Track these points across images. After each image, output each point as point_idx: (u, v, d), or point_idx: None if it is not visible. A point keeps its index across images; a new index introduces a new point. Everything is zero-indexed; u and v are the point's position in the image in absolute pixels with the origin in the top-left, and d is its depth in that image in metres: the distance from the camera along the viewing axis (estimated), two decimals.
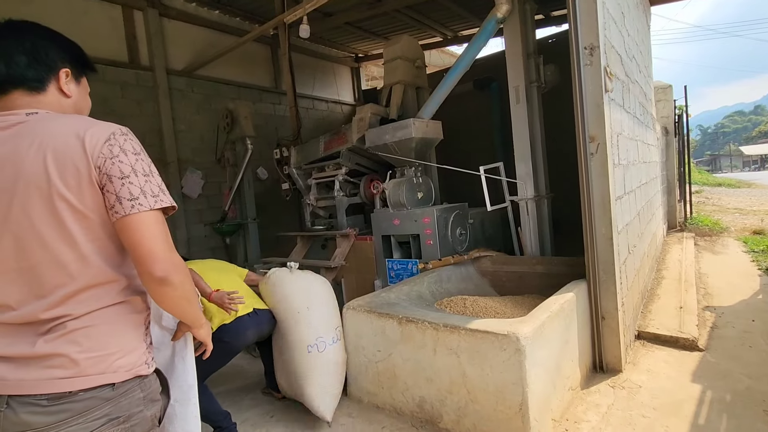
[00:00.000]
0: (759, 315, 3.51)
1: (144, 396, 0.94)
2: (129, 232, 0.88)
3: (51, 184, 0.85)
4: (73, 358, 0.85)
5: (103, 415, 0.87)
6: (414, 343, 2.29)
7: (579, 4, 2.51)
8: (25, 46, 0.93)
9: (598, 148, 2.56)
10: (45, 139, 0.86)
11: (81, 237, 0.88)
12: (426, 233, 3.78)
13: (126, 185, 0.88)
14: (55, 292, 0.86)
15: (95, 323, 0.89)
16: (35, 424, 0.82)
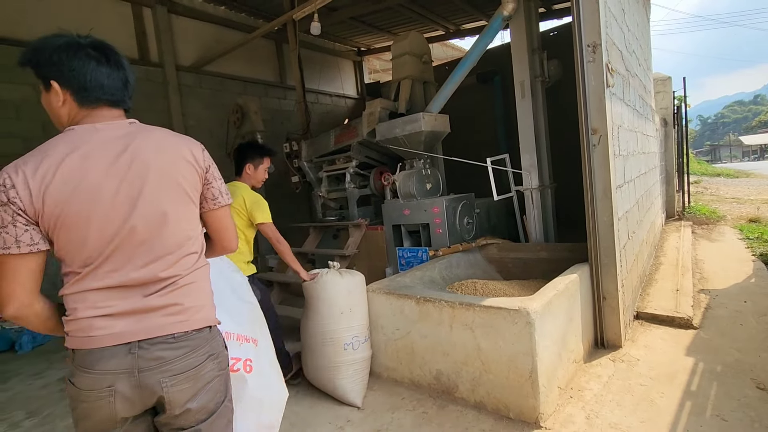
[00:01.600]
0: (750, 297, 3.72)
1: (221, 341, 1.21)
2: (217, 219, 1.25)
3: (175, 177, 1.11)
4: (186, 306, 1.10)
5: (205, 351, 1.12)
6: (431, 320, 2.49)
7: (582, 4, 2.67)
8: (131, 77, 1.18)
9: (600, 140, 2.75)
10: (162, 142, 1.12)
11: (190, 218, 1.16)
12: (435, 222, 3.97)
13: (220, 185, 1.23)
14: (169, 257, 1.10)
15: (195, 281, 1.14)
16: (167, 357, 1.06)
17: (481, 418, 2.26)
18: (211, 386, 1.13)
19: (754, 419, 2.08)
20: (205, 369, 1.11)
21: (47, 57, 1.05)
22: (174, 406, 1.07)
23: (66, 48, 1.05)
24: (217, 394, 1.15)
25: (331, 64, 9.16)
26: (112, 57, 1.12)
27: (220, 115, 6.71)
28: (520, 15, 3.59)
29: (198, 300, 1.14)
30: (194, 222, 1.17)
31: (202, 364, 1.10)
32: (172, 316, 1.08)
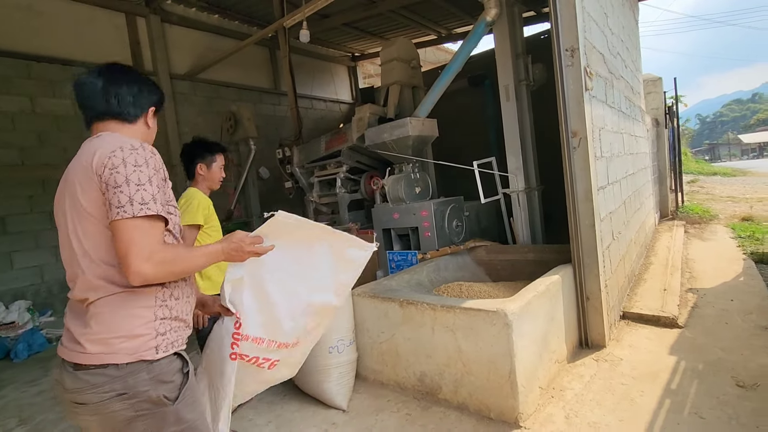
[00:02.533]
0: (738, 295, 3.74)
1: (151, 377, 1.05)
2: (114, 234, 1.04)
3: (75, 190, 1.07)
4: (79, 339, 1.04)
5: (111, 389, 1.01)
6: (414, 323, 2.52)
7: (560, 10, 2.72)
8: (133, 89, 1.20)
9: (580, 142, 2.79)
10: (83, 153, 1.11)
11: (86, 234, 1.07)
12: (424, 226, 4.01)
13: (117, 194, 1.01)
14: (81, 277, 1.07)
15: (103, 310, 1.04)
16: (67, 385, 1.04)
17: (463, 419, 2.29)
18: (128, 426, 1.04)
19: (732, 416, 2.10)
20: (110, 408, 1.01)
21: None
22: (86, 431, 1.06)
23: None
24: None
25: (324, 70, 9.24)
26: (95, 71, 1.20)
27: (214, 123, 6.77)
28: (503, 20, 3.64)
29: (103, 332, 1.03)
30: (95, 233, 1.05)
31: (104, 403, 1.01)
32: (72, 343, 1.05)
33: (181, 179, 6.52)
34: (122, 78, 1.19)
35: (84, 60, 5.51)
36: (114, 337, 1.03)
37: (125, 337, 1.03)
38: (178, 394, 1.09)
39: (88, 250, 1.05)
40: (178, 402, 1.09)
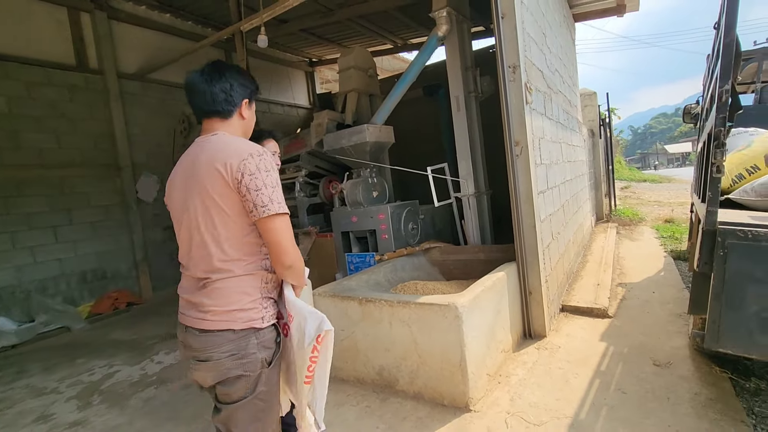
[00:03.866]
0: (659, 288, 4.22)
1: (258, 342, 1.29)
2: (264, 230, 1.26)
3: (206, 188, 1.24)
4: (209, 308, 1.26)
5: (227, 350, 1.25)
6: (373, 319, 2.66)
7: (503, 32, 2.99)
8: (225, 87, 1.35)
9: (521, 150, 3.07)
10: (213, 153, 1.26)
11: (218, 228, 1.26)
12: (381, 228, 4.17)
13: (259, 195, 1.22)
14: (205, 260, 1.28)
15: (222, 286, 1.26)
16: (193, 345, 1.28)
17: (419, 407, 2.45)
18: (232, 380, 1.26)
19: (648, 390, 2.42)
20: (226, 365, 1.25)
21: None
22: (200, 382, 1.32)
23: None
24: (240, 389, 1.27)
25: (282, 74, 9.21)
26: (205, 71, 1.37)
27: (168, 124, 6.58)
28: (453, 36, 3.90)
29: (224, 304, 1.25)
30: (229, 228, 1.25)
31: (222, 360, 1.25)
32: (196, 312, 1.28)
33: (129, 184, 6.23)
34: (217, 76, 1.34)
35: (19, 55, 5.19)
36: (232, 310, 1.25)
37: (240, 309, 1.26)
38: (272, 360, 1.32)
39: (218, 241, 1.25)
40: (272, 367, 1.32)
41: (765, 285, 1.70)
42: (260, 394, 1.30)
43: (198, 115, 1.38)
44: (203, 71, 1.35)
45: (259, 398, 1.30)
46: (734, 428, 2.05)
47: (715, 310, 1.82)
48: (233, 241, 1.26)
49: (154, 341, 4.28)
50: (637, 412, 2.25)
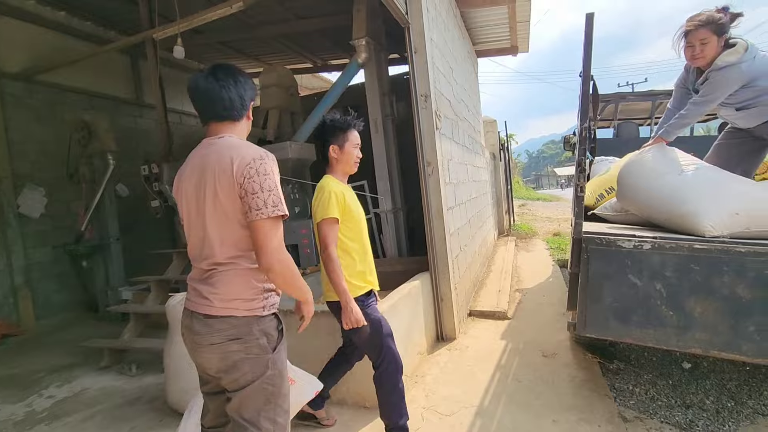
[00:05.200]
0: (548, 292, 4.88)
1: (259, 329, 1.37)
2: (252, 232, 1.32)
3: (215, 188, 1.32)
4: (214, 295, 1.35)
5: (230, 334, 1.33)
6: (292, 331, 2.73)
7: (416, 65, 3.35)
8: (241, 92, 1.42)
9: (433, 170, 3.42)
10: (220, 156, 1.33)
11: (222, 225, 1.34)
12: (304, 243, 4.25)
13: (255, 199, 1.28)
14: (213, 254, 1.36)
15: (227, 278, 1.35)
16: (197, 330, 1.36)
17: (342, 411, 2.58)
18: (238, 364, 1.33)
19: (538, 377, 2.84)
20: (229, 348, 1.33)
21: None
22: (205, 368, 1.39)
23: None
24: (246, 373, 1.34)
25: None
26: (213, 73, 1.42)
27: (59, 132, 5.91)
28: (372, 63, 4.21)
29: (225, 293, 1.34)
30: (228, 227, 1.33)
31: (224, 344, 1.32)
32: (202, 299, 1.36)
33: (8, 197, 5.50)
34: (232, 81, 1.40)
35: None
36: (235, 299, 1.34)
37: (243, 299, 1.35)
38: (275, 346, 1.41)
39: (223, 237, 1.34)
40: (276, 352, 1.40)
41: (615, 281, 2.16)
42: (268, 378, 1.36)
43: (207, 119, 1.43)
44: (216, 77, 1.39)
45: (267, 382, 1.36)
46: (600, 402, 2.51)
47: (582, 303, 2.25)
48: (237, 238, 1.34)
49: (41, 374, 3.79)
50: (530, 395, 2.63)
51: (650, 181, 2.43)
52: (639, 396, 2.58)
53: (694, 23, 2.30)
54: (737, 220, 2.10)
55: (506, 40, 6.91)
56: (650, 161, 2.47)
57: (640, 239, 2.11)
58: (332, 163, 2.15)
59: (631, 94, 5.06)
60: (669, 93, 4.59)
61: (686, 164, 2.37)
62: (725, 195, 2.17)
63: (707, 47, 2.30)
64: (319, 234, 2.01)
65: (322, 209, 1.98)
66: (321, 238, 2.00)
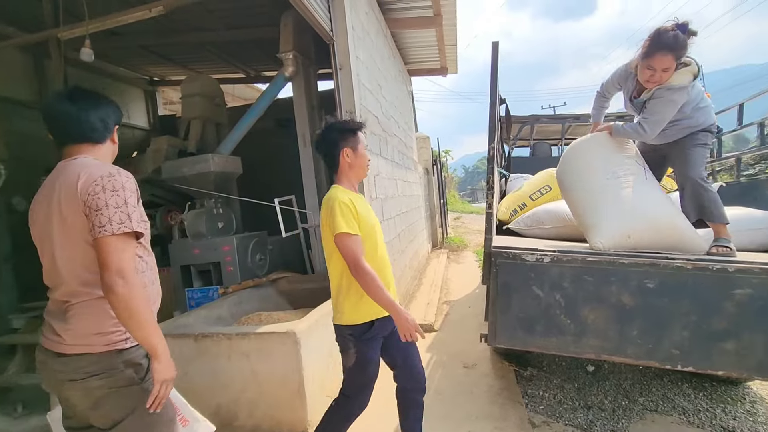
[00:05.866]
0: (474, 303, 5.07)
1: (122, 361, 1.25)
2: (96, 250, 1.22)
3: (61, 208, 1.24)
4: (61, 333, 1.24)
5: (90, 371, 1.22)
6: (210, 355, 2.57)
7: (341, 82, 3.38)
8: (102, 115, 1.37)
9: (358, 186, 3.43)
10: (68, 176, 1.26)
11: (71, 248, 1.25)
12: (226, 260, 4.05)
13: (98, 216, 1.20)
14: (64, 284, 1.26)
15: (82, 311, 1.24)
16: (53, 367, 1.25)
17: None
18: (102, 401, 1.24)
19: (459, 389, 2.91)
20: (90, 384, 1.23)
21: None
22: (71, 404, 1.28)
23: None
24: (115, 409, 1.25)
25: (114, 90, 8.16)
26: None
27: None
28: (299, 76, 4.18)
29: (80, 328, 1.23)
30: (77, 249, 1.24)
31: (85, 380, 1.22)
32: (55, 335, 1.25)
33: None
34: (92, 103, 1.36)
35: None
36: (91, 334, 1.24)
37: (100, 333, 1.24)
38: (145, 375, 1.29)
39: (72, 261, 1.25)
40: (146, 381, 1.28)
41: (521, 293, 2.29)
42: (141, 411, 1.26)
43: (63, 141, 1.36)
44: (72, 99, 1.34)
45: (140, 416, 1.26)
46: (513, 409, 2.62)
47: (492, 314, 2.35)
48: (87, 260, 1.25)
49: None
50: (450, 406, 2.68)
51: (582, 172, 2.49)
52: (548, 401, 2.73)
53: (661, 46, 2.14)
54: (628, 242, 2.27)
55: (436, 61, 7.22)
56: (593, 150, 2.49)
57: (541, 253, 2.26)
58: (344, 169, 1.89)
59: (545, 116, 5.51)
60: (576, 117, 5.05)
61: (619, 168, 2.37)
62: (629, 217, 2.27)
63: (666, 74, 2.21)
64: (341, 251, 1.73)
65: (332, 226, 1.72)
66: (345, 255, 1.71)
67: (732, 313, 1.94)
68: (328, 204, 1.77)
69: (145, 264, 1.36)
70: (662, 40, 2.14)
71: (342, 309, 1.84)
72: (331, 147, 1.89)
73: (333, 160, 1.90)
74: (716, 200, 2.36)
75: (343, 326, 1.86)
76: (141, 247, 1.34)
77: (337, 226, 1.68)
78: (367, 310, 1.83)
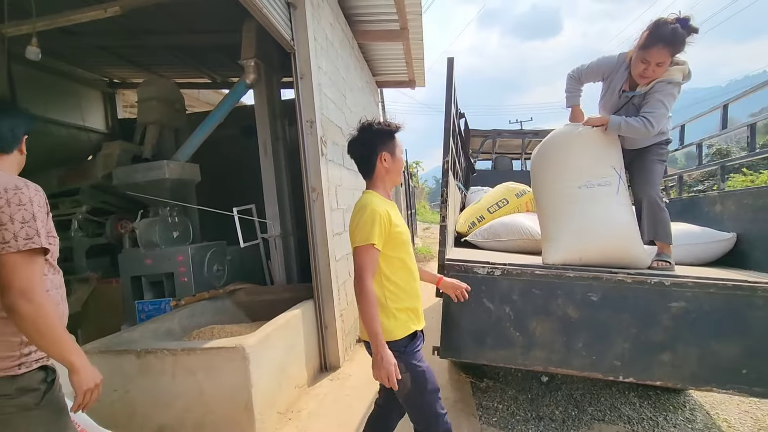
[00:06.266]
0: (436, 313, 5.06)
1: (15, 388, 1.18)
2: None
3: None
4: None
5: None
6: (154, 372, 2.44)
7: (302, 91, 3.35)
8: (12, 124, 1.32)
9: (317, 196, 3.40)
10: None
11: None
12: (180, 271, 3.89)
13: (2, 231, 1.13)
14: None
15: None
16: None
17: None
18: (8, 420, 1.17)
19: None
20: None
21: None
22: None
23: None
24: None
25: (68, 91, 7.79)
26: None
27: None
28: (261, 84, 4.11)
29: None
30: None
31: None
32: None
33: None
34: (1, 113, 1.32)
35: None
36: None
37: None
38: (40, 400, 1.23)
39: None
40: (42, 406, 1.23)
41: (472, 306, 2.31)
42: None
43: None
44: None
45: None
46: (467, 421, 2.63)
47: (444, 327, 2.36)
48: None
49: None
50: (403, 419, 2.64)
51: (557, 174, 2.38)
52: (501, 412, 2.75)
53: (659, 39, 2.08)
54: (578, 262, 2.29)
55: (404, 74, 7.30)
56: (575, 147, 2.35)
57: (492, 266, 2.29)
58: (380, 174, 1.73)
59: (506, 131, 5.68)
60: (536, 133, 5.21)
61: (595, 177, 2.28)
62: (588, 237, 2.26)
63: (660, 69, 2.14)
64: (354, 260, 1.63)
65: (361, 233, 1.59)
66: (356, 265, 1.61)
67: (668, 326, 2.02)
68: (365, 210, 1.61)
69: (50, 283, 1.29)
70: (660, 33, 2.07)
71: (384, 325, 1.66)
72: (368, 150, 1.72)
73: (369, 165, 1.73)
74: (667, 221, 2.41)
75: (388, 343, 1.65)
76: (47, 264, 1.28)
77: (369, 235, 1.56)
78: (403, 322, 1.72)
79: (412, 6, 4.80)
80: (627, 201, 2.35)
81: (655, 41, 2.08)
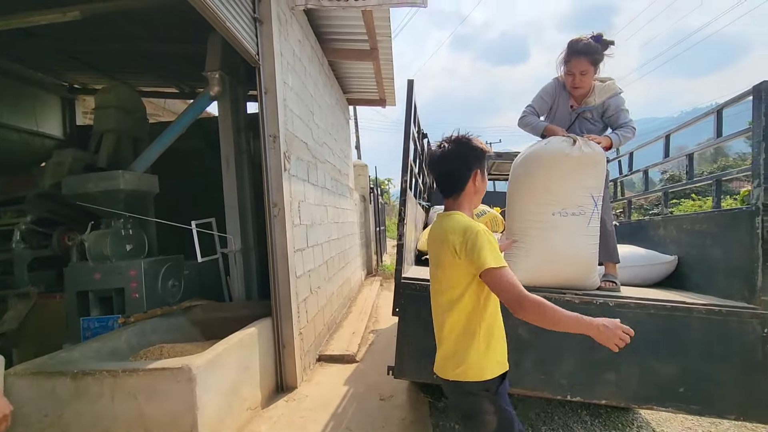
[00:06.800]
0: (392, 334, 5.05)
1: None
2: None
3: None
4: None
5: None
6: (90, 395, 2.29)
7: (266, 105, 3.32)
8: None
9: (279, 212, 3.35)
10: None
11: None
12: (132, 287, 3.71)
13: None
14: None
15: None
16: None
17: None
18: None
19: (371, 423, 2.83)
20: None
21: None
22: None
23: None
24: None
25: (23, 94, 7.43)
26: None
27: None
28: (226, 96, 4.06)
29: None
30: None
31: None
32: None
33: None
34: None
35: None
36: None
37: None
38: None
39: None
40: None
41: (427, 326, 2.31)
42: None
43: None
44: None
45: None
46: None
47: (399, 346, 2.35)
48: None
49: None
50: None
51: (536, 193, 2.32)
52: None
53: (575, 52, 2.38)
54: (532, 282, 2.32)
55: (375, 93, 7.41)
56: (561, 168, 2.26)
57: None
58: (469, 193, 1.59)
59: None
60: (499, 155, 5.36)
61: (571, 205, 2.27)
62: (548, 265, 2.28)
63: (585, 78, 2.42)
64: (497, 287, 1.41)
65: (492, 253, 1.41)
66: (505, 290, 1.39)
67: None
68: (466, 235, 1.44)
69: None
70: (575, 47, 2.41)
71: (467, 360, 1.48)
72: (462, 165, 1.56)
73: (459, 182, 1.57)
74: (615, 242, 2.58)
75: (474, 383, 1.49)
76: None
77: (486, 260, 1.39)
78: (496, 360, 1.53)
79: (381, 28, 4.91)
80: (596, 231, 2.32)
81: (572, 54, 2.41)
